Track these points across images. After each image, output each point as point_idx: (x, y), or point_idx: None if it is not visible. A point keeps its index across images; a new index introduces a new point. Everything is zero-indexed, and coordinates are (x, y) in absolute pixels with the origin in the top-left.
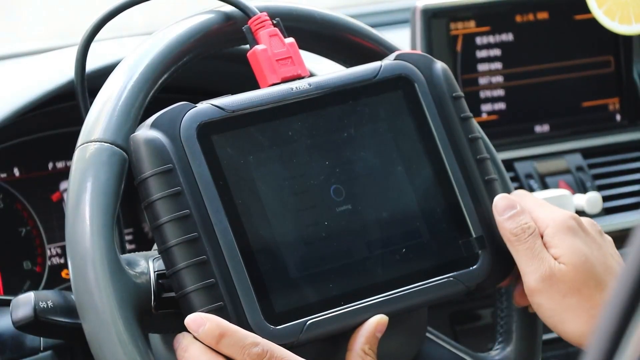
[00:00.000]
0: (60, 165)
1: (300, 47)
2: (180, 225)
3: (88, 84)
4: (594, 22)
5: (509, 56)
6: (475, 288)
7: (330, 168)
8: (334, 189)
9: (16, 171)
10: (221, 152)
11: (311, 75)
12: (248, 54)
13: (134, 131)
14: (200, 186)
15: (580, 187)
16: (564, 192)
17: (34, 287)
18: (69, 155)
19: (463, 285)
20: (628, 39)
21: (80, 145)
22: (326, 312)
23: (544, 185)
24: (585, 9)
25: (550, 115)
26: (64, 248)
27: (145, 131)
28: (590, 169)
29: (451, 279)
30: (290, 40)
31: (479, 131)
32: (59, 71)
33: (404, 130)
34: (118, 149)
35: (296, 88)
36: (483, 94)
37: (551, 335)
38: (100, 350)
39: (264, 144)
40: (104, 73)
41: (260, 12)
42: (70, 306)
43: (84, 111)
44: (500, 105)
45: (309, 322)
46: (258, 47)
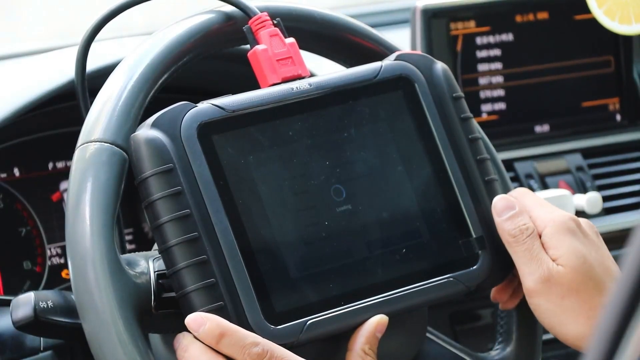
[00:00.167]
0: (60, 165)
1: (301, 47)
2: (181, 224)
3: (88, 84)
4: (594, 22)
5: (509, 56)
6: (475, 288)
7: (330, 168)
8: (334, 189)
9: (16, 171)
10: (221, 152)
11: (311, 75)
12: (248, 54)
13: (134, 131)
14: (201, 186)
15: (580, 187)
16: (564, 192)
17: (34, 287)
18: (69, 155)
19: (463, 286)
20: (628, 39)
21: (80, 145)
22: (326, 312)
23: (544, 186)
24: (585, 9)
25: (550, 115)
26: (64, 248)
27: (145, 131)
28: (590, 169)
29: (451, 279)
30: (291, 40)
31: (479, 131)
32: (59, 71)
33: (404, 131)
34: (118, 149)
35: (297, 88)
36: (483, 94)
37: (551, 335)
38: (100, 350)
39: (265, 144)
40: (104, 73)
41: (261, 12)
42: (70, 306)
43: (85, 111)
44: (500, 105)
45: (309, 322)
46: (258, 47)
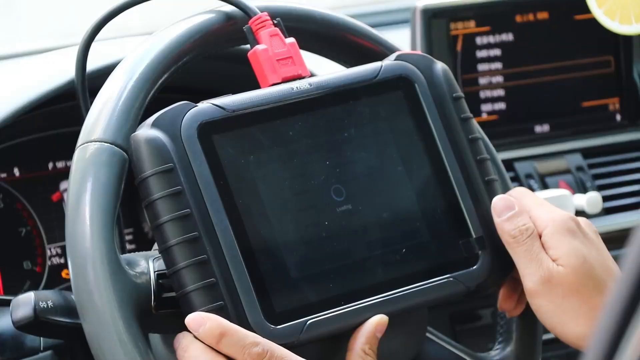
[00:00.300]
0: (60, 165)
1: (301, 47)
2: (181, 224)
3: (88, 84)
4: (594, 22)
5: (509, 56)
6: (475, 288)
7: (330, 168)
8: (334, 189)
9: (16, 171)
10: (222, 152)
11: (312, 75)
12: (249, 54)
13: (134, 131)
14: (201, 186)
15: (580, 187)
16: (564, 192)
17: (34, 287)
18: (69, 155)
19: (463, 286)
20: (628, 39)
21: (80, 145)
22: (326, 312)
23: (544, 185)
24: (585, 9)
25: (551, 115)
26: (64, 248)
27: (146, 130)
28: (590, 169)
29: (451, 279)
30: (291, 40)
31: (479, 132)
32: (59, 71)
33: (405, 131)
34: (118, 149)
35: (297, 88)
36: (483, 94)
37: (551, 335)
38: (100, 350)
39: (265, 144)
40: (105, 73)
41: (261, 12)
42: (70, 306)
43: (85, 111)
44: (501, 105)
45: (309, 322)
46: (259, 47)
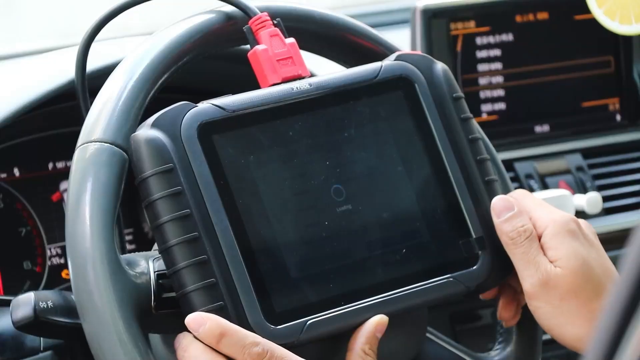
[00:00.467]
0: (60, 165)
1: (301, 47)
2: (181, 224)
3: (88, 84)
4: (594, 22)
5: (509, 56)
6: (475, 289)
7: (330, 168)
8: (334, 189)
9: (16, 171)
10: (222, 152)
11: (312, 75)
12: (249, 54)
13: (134, 131)
14: (201, 186)
15: (580, 187)
16: (564, 193)
17: (34, 287)
18: (69, 155)
19: (463, 286)
20: (628, 39)
21: (80, 145)
22: (326, 312)
23: (544, 186)
24: (585, 9)
25: (551, 115)
26: (64, 248)
27: (146, 131)
28: (590, 169)
29: (451, 279)
30: (291, 40)
31: (479, 132)
32: (59, 71)
33: (405, 131)
34: (118, 149)
35: (297, 88)
36: (483, 94)
37: None
38: (100, 350)
39: (265, 144)
40: (105, 73)
41: (261, 12)
42: (70, 306)
43: (85, 111)
44: (501, 106)
45: (309, 322)
46: (259, 47)
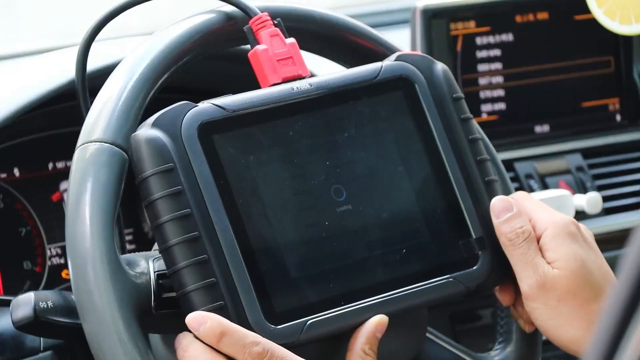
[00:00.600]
0: (60, 165)
1: (301, 48)
2: (181, 224)
3: (88, 84)
4: (594, 22)
5: (509, 56)
6: (475, 289)
7: (330, 168)
8: (334, 189)
9: (16, 171)
10: (222, 152)
11: (312, 75)
12: (249, 54)
13: (135, 131)
14: (201, 185)
15: (580, 188)
16: (564, 193)
17: (34, 287)
18: (69, 155)
19: (463, 286)
20: (628, 39)
21: (80, 145)
22: (326, 312)
23: (544, 186)
24: (585, 9)
25: (551, 115)
26: (64, 248)
27: (146, 130)
28: (590, 169)
29: (451, 279)
30: (291, 40)
31: (479, 132)
32: (59, 71)
33: (405, 131)
34: (118, 149)
35: (297, 88)
36: (483, 94)
37: None
38: (100, 350)
39: (265, 144)
40: (105, 73)
41: (261, 12)
42: (70, 306)
43: (85, 111)
44: (500, 106)
45: (309, 322)
46: (259, 47)
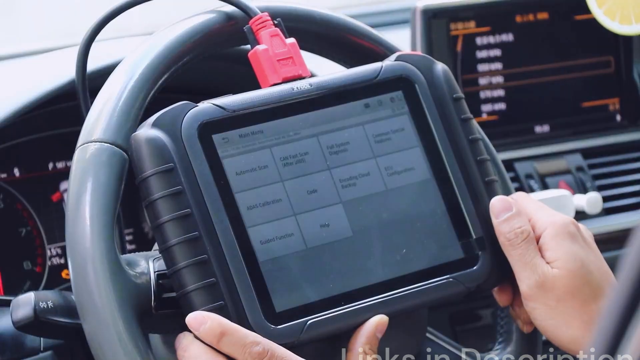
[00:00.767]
0: (60, 165)
1: (301, 48)
2: (181, 224)
3: (89, 84)
4: (594, 22)
5: (509, 56)
6: (475, 289)
7: (331, 168)
8: (334, 189)
9: (16, 171)
10: (222, 152)
11: (312, 75)
12: (249, 54)
13: (135, 131)
14: (201, 185)
15: (580, 188)
16: (564, 193)
17: (34, 288)
18: (69, 156)
19: (463, 286)
20: (628, 39)
21: (80, 145)
22: (327, 312)
23: (544, 186)
24: (585, 9)
25: (551, 115)
26: (64, 248)
27: (146, 130)
28: (590, 169)
29: (451, 279)
30: (292, 40)
31: (480, 132)
32: (59, 71)
33: (405, 131)
34: (118, 149)
35: (297, 88)
36: (483, 95)
37: None
38: (100, 350)
39: (265, 144)
40: (105, 73)
41: (262, 13)
42: (70, 306)
43: (85, 111)
44: (501, 106)
45: (309, 322)
46: (259, 47)
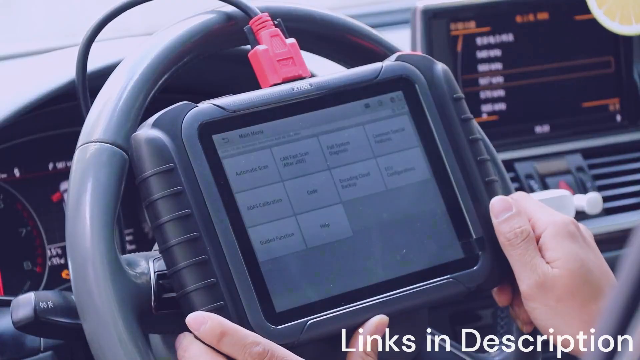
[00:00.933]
0: (60, 165)
1: (301, 48)
2: (181, 224)
3: (89, 84)
4: (594, 23)
5: (509, 57)
6: (475, 289)
7: (331, 168)
8: (334, 189)
9: (16, 171)
10: (222, 152)
11: (312, 75)
12: (249, 54)
13: (135, 131)
14: (201, 185)
15: (580, 188)
16: (564, 193)
17: (34, 288)
18: (69, 156)
19: (463, 286)
20: (628, 39)
21: (80, 145)
22: (327, 312)
23: (544, 186)
24: (585, 9)
25: (551, 115)
26: (64, 248)
27: (146, 130)
28: (590, 169)
29: (451, 280)
30: (292, 40)
31: (480, 132)
32: (59, 71)
33: (405, 131)
34: (118, 149)
35: (297, 88)
36: (483, 95)
37: None
38: (100, 350)
39: (265, 144)
40: (105, 73)
41: (262, 13)
42: (70, 306)
43: (85, 111)
44: (501, 106)
45: (309, 322)
46: (259, 48)
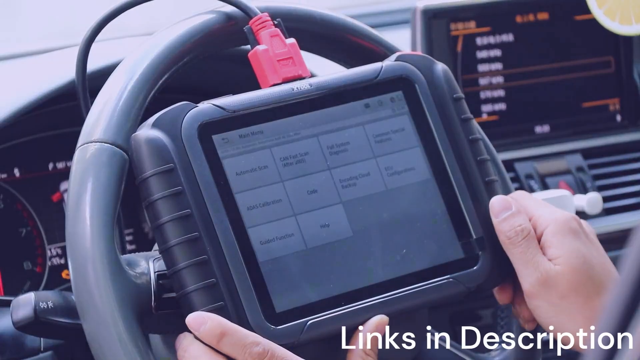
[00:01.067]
0: (60, 165)
1: (301, 48)
2: (181, 224)
3: (89, 84)
4: (594, 23)
5: (509, 57)
6: (476, 289)
7: (331, 169)
8: (334, 189)
9: (16, 171)
10: (222, 152)
11: (312, 75)
12: (249, 54)
13: (135, 131)
14: (201, 186)
15: (580, 188)
16: (564, 193)
17: (34, 288)
18: (69, 156)
19: (463, 286)
20: (628, 39)
21: (80, 145)
22: (327, 312)
23: (545, 186)
24: (586, 9)
25: (551, 115)
26: (64, 248)
27: (146, 131)
28: (590, 169)
29: (451, 280)
30: (292, 40)
31: (480, 132)
32: (59, 71)
33: (405, 131)
34: (118, 149)
35: (297, 88)
36: (483, 95)
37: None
38: (100, 350)
39: (265, 144)
40: (105, 73)
41: (262, 13)
42: (70, 306)
43: (85, 111)
44: (501, 106)
45: (309, 322)
46: (259, 48)
